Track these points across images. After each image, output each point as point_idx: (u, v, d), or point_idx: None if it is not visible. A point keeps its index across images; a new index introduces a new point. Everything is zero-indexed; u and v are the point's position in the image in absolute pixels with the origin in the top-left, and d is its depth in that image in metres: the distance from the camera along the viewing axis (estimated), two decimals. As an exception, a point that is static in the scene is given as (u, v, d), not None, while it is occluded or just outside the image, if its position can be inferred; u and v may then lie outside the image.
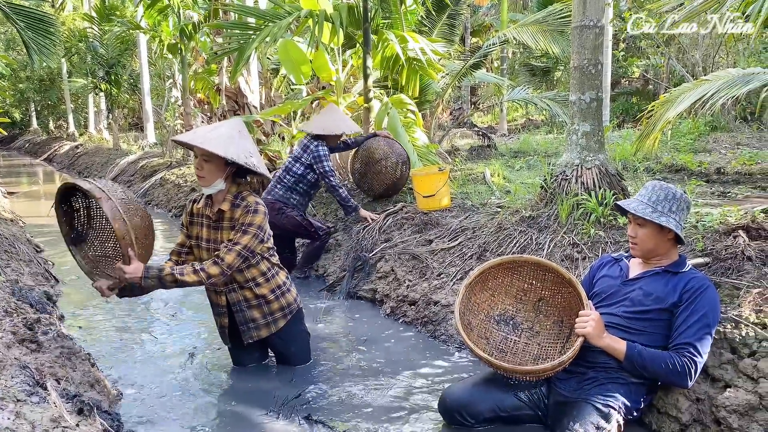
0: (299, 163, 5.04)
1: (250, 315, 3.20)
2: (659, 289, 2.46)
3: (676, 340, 2.37)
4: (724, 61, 12.84)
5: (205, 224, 3.10)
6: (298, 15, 5.91)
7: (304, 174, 5.03)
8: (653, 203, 2.47)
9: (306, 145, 5.06)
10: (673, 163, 7.08)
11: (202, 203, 3.10)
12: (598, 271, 2.77)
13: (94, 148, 17.28)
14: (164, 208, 9.46)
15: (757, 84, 5.32)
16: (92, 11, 16.48)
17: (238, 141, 2.90)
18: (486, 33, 19.43)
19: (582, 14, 3.85)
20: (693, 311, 2.36)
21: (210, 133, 2.89)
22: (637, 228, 2.51)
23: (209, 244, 3.10)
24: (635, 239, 2.53)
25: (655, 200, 2.48)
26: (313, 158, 4.98)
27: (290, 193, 5.03)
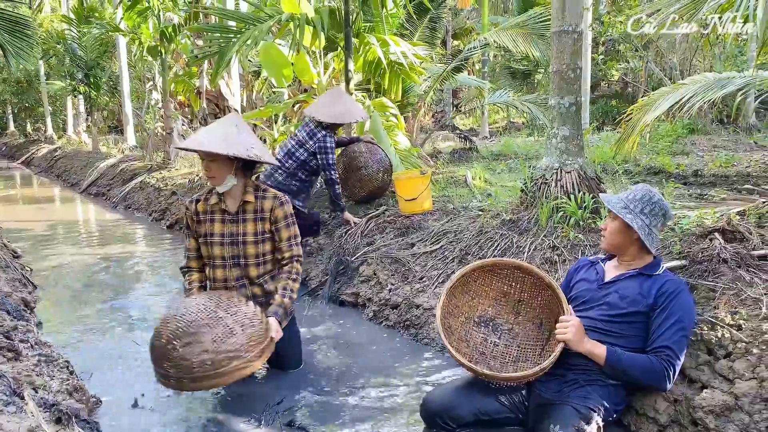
0: (303, 148, 4.89)
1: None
2: (634, 291, 2.49)
3: (654, 344, 2.40)
4: (701, 64, 13.05)
5: (218, 219, 3.12)
6: (279, 18, 5.90)
7: (307, 160, 4.89)
8: (628, 201, 2.54)
9: (313, 132, 4.91)
10: (652, 165, 7.18)
11: (213, 200, 3.12)
12: (575, 274, 2.81)
13: (72, 151, 17.05)
14: (144, 212, 9.37)
15: (733, 88, 5.42)
16: (70, 13, 16.25)
17: (237, 136, 2.96)
18: (467, 36, 19.52)
19: (561, 19, 3.89)
20: (669, 315, 2.40)
21: (209, 135, 2.95)
22: (610, 221, 2.61)
23: (224, 238, 3.12)
24: (605, 231, 2.63)
25: (631, 199, 2.55)
26: (318, 147, 4.85)
27: (291, 179, 4.90)
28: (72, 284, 5.44)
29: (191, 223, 3.17)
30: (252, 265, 3.16)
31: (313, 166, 4.94)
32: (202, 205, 3.14)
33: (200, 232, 3.15)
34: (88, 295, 5.07)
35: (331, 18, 6.42)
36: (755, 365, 2.40)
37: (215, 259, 3.15)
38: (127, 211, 9.96)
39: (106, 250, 6.94)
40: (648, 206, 2.52)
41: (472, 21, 19.27)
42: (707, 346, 2.57)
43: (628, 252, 2.59)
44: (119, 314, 4.55)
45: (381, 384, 3.24)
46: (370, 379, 3.31)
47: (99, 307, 4.75)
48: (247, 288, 3.19)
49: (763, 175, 6.08)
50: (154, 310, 4.65)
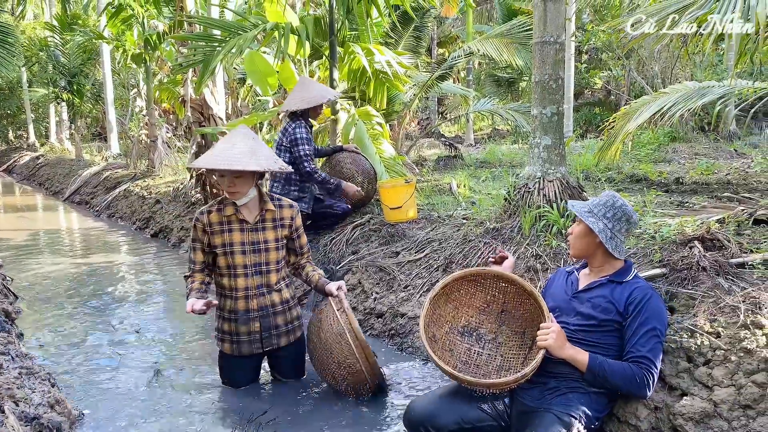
0: (281, 150, 4.81)
1: (275, 321, 3.24)
2: (605, 300, 2.51)
3: (630, 354, 2.42)
4: (682, 73, 13.23)
5: (236, 229, 3.13)
6: (264, 27, 5.91)
7: (292, 162, 4.78)
8: (592, 206, 2.58)
9: (285, 129, 4.82)
10: (635, 173, 7.26)
11: (229, 211, 3.11)
12: (551, 284, 2.84)
13: (55, 158, 16.90)
14: (128, 221, 9.30)
15: (713, 97, 5.51)
16: (53, 20, 16.16)
17: (260, 150, 3.03)
18: (452, 44, 19.63)
19: (543, 30, 3.94)
20: (641, 323, 2.42)
21: (231, 152, 2.98)
22: (575, 226, 2.64)
23: (245, 246, 3.14)
24: (570, 236, 2.65)
25: (596, 204, 2.58)
26: (289, 141, 4.73)
27: (288, 186, 4.84)
28: (54, 295, 5.39)
29: (202, 235, 3.12)
30: (273, 271, 3.22)
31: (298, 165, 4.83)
32: (216, 216, 3.11)
33: (215, 243, 3.11)
34: (71, 306, 5.02)
35: (316, 27, 6.44)
36: (733, 372, 2.44)
37: (236, 268, 3.14)
38: (110, 220, 9.89)
39: (89, 259, 6.88)
40: (611, 210, 2.55)
41: (457, 29, 19.39)
42: (687, 353, 2.60)
43: (596, 258, 2.60)
44: (102, 325, 4.52)
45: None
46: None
47: (81, 317, 4.71)
48: (266, 297, 3.20)
49: (743, 182, 6.18)
50: (138, 321, 4.62)
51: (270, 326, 3.22)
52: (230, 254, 3.11)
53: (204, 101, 7.42)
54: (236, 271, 3.13)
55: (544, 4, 3.92)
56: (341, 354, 3.00)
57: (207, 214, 3.12)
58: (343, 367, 3.02)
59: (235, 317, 3.17)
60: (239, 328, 3.18)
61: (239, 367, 3.29)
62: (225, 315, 3.19)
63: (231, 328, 3.19)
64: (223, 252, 3.11)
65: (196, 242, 3.15)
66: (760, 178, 6.32)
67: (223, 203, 3.14)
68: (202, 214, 3.13)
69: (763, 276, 2.86)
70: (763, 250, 3.13)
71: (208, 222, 3.10)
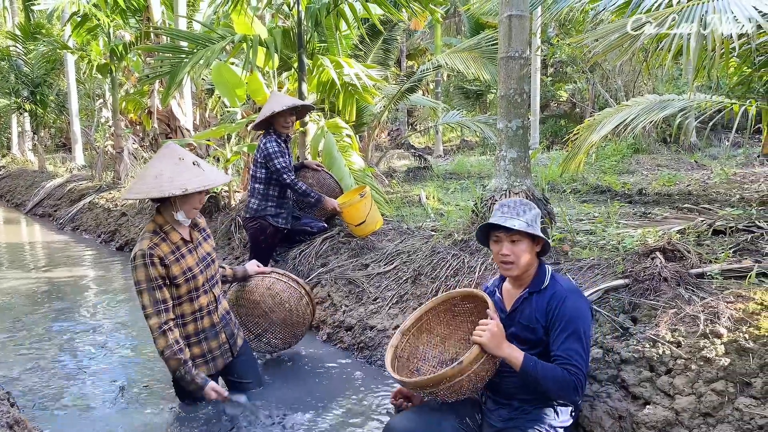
0: (259, 166, 4.78)
1: (232, 326, 3.28)
2: (531, 316, 2.45)
3: (556, 360, 2.33)
4: (644, 86, 13.56)
5: (186, 252, 3.00)
6: (232, 39, 5.89)
7: (269, 177, 4.75)
8: (521, 215, 2.44)
9: (258, 146, 4.80)
10: (599, 184, 7.41)
11: (176, 237, 2.97)
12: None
13: (17, 170, 16.49)
14: (93, 234, 9.12)
15: (673, 110, 5.67)
16: (16, 29, 15.85)
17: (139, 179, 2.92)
18: (421, 56, 19.82)
19: (507, 46, 4.01)
20: (562, 329, 2.35)
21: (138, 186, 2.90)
22: (512, 246, 2.43)
23: (199, 265, 3.05)
24: (510, 257, 2.44)
25: (519, 211, 2.45)
26: (263, 156, 4.69)
27: (265, 202, 4.79)
28: (15, 310, 5.25)
29: (162, 269, 2.89)
30: (218, 282, 3.23)
31: (279, 180, 4.78)
32: (164, 247, 2.92)
33: (175, 274, 2.93)
34: (32, 322, 4.90)
35: (285, 38, 6.44)
36: (694, 381, 2.50)
37: (198, 290, 3.03)
38: (74, 233, 9.68)
39: (53, 273, 6.73)
40: (527, 207, 2.47)
41: (426, 42, 19.59)
42: (649, 362, 2.66)
43: (532, 267, 2.51)
44: (65, 342, 4.42)
45: (337, 408, 3.23)
46: (326, 403, 3.30)
47: (44, 334, 4.60)
48: (221, 305, 3.19)
49: (703, 193, 6.35)
50: (102, 337, 4.53)
51: (232, 332, 3.25)
52: (192, 279, 2.99)
53: (171, 113, 7.37)
54: (198, 293, 3.04)
55: (510, 21, 3.99)
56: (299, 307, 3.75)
57: (155, 247, 2.89)
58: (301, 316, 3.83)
59: (205, 336, 3.11)
60: (210, 345, 3.13)
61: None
62: (192, 340, 3.06)
63: (203, 350, 3.11)
64: (185, 279, 2.97)
65: (156, 280, 2.87)
66: (719, 189, 6.50)
67: (162, 231, 2.95)
68: (152, 248, 2.88)
69: (722, 286, 2.94)
70: (721, 260, 3.22)
71: (162, 255, 2.90)
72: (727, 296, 2.82)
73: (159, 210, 2.99)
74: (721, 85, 10.06)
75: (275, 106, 4.73)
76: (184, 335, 3.03)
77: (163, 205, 2.97)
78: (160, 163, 2.89)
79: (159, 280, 2.88)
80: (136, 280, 2.87)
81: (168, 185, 2.80)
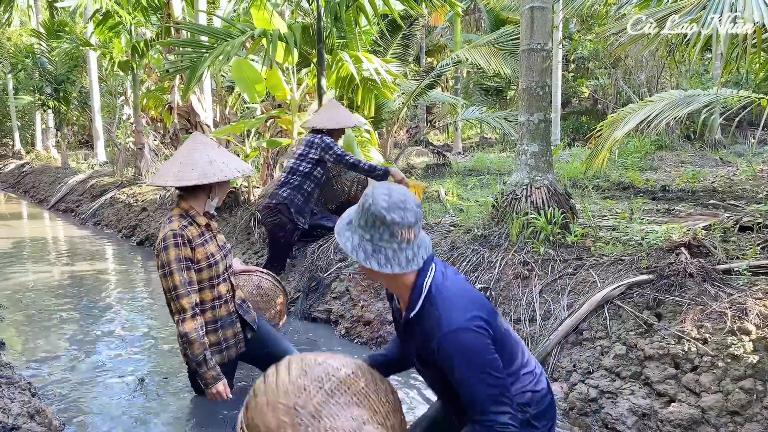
0: (305, 161, 4.93)
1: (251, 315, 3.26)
2: (420, 349, 1.92)
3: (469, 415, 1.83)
4: (668, 81, 13.36)
5: (209, 239, 3.04)
6: (252, 34, 5.89)
7: (311, 171, 4.92)
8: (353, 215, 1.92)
9: (311, 141, 4.96)
10: (621, 180, 7.30)
11: (201, 221, 3.01)
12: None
13: (41, 166, 16.72)
14: (114, 229, 9.21)
15: (698, 105, 5.55)
16: (40, 27, 16.05)
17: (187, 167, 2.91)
18: (441, 53, 19.71)
19: (530, 38, 3.95)
20: (454, 379, 1.82)
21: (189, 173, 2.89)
22: None
23: (220, 252, 3.07)
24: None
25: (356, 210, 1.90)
26: (322, 149, 4.87)
27: (296, 193, 4.91)
28: (37, 303, 5.31)
29: (189, 251, 2.91)
30: (233, 271, 3.26)
31: (317, 176, 4.95)
32: (192, 230, 2.95)
33: (198, 258, 2.96)
34: (54, 315, 4.95)
35: (304, 34, 6.43)
36: (721, 378, 2.44)
37: (219, 277, 3.06)
38: (96, 228, 9.78)
39: (74, 267, 6.80)
40: (363, 217, 1.84)
41: (445, 38, 19.49)
42: (674, 359, 2.60)
43: (397, 281, 1.92)
44: (86, 335, 4.45)
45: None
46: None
47: (65, 327, 4.64)
48: (236, 294, 3.19)
49: (728, 190, 6.22)
50: (122, 330, 4.56)
51: (245, 321, 3.23)
52: (214, 265, 3.01)
53: (191, 108, 7.39)
54: (218, 280, 3.06)
55: (532, 12, 3.93)
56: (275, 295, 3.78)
57: (185, 229, 2.92)
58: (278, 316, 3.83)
59: (221, 324, 3.10)
60: (226, 334, 3.12)
61: (227, 374, 3.21)
62: (209, 327, 3.05)
63: (218, 338, 3.09)
64: (208, 264, 2.99)
65: (185, 261, 2.88)
66: (745, 186, 6.37)
67: (189, 215, 2.98)
68: (183, 228, 2.90)
69: (749, 282, 2.87)
70: (748, 257, 3.15)
71: (190, 237, 2.92)
72: (755, 292, 2.75)
73: (183, 197, 3.00)
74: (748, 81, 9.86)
75: (346, 120, 5.07)
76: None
77: (192, 192, 2.98)
78: (207, 150, 2.95)
79: (188, 261, 2.90)
80: (165, 262, 2.86)
81: (227, 170, 2.91)
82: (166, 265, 2.85)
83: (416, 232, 1.85)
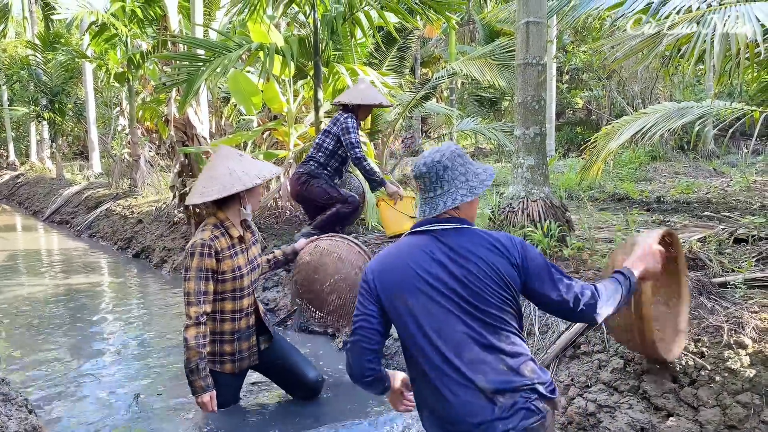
0: (329, 137, 4.99)
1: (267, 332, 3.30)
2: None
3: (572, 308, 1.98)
4: (662, 92, 13.46)
5: (240, 251, 3.08)
6: (249, 48, 5.92)
7: (335, 149, 4.98)
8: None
9: (336, 118, 5.00)
10: (616, 192, 7.33)
11: (234, 233, 3.04)
12: None
13: (36, 177, 16.68)
14: (109, 241, 9.18)
15: (691, 117, 5.59)
16: (35, 39, 16.07)
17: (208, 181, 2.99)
18: (436, 64, 19.81)
19: (525, 52, 3.99)
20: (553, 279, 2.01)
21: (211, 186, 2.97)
22: None
23: (248, 266, 3.11)
24: None
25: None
26: (341, 129, 4.90)
27: (321, 169, 4.99)
28: (33, 317, 5.29)
29: (214, 263, 2.96)
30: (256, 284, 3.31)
31: (341, 155, 5.01)
32: (224, 241, 3.00)
33: (224, 269, 2.99)
34: (50, 329, 4.93)
35: (301, 47, 6.47)
36: (718, 392, 2.45)
37: (243, 290, 3.09)
38: (91, 240, 9.76)
39: (70, 280, 6.77)
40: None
41: (440, 50, 19.58)
42: (672, 373, 2.61)
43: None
44: (81, 349, 4.43)
45: (358, 418, 3.20)
46: (349, 414, 3.25)
47: (61, 341, 4.62)
48: (253, 313, 3.19)
49: (722, 201, 6.26)
50: (118, 344, 4.54)
51: (260, 336, 3.25)
52: (239, 278, 3.05)
53: (187, 120, 7.38)
54: (242, 293, 3.09)
55: (527, 27, 3.97)
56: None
57: (215, 240, 2.97)
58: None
59: (239, 336, 3.12)
60: (242, 346, 3.14)
61: (235, 386, 3.26)
62: (226, 338, 3.08)
63: (233, 349, 3.12)
64: (233, 277, 3.02)
65: (206, 271, 2.93)
66: (738, 197, 6.41)
67: (223, 226, 3.03)
68: (213, 239, 2.96)
69: (745, 295, 2.88)
70: (744, 270, 3.17)
71: (219, 249, 2.97)
72: (751, 306, 2.77)
73: (219, 207, 3.05)
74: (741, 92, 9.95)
75: (372, 98, 5.05)
76: (219, 331, 3.06)
77: (225, 203, 3.03)
78: (226, 162, 3.01)
79: (208, 272, 2.95)
80: (188, 267, 2.94)
81: (247, 178, 2.95)
82: (188, 270, 2.94)
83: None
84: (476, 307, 1.86)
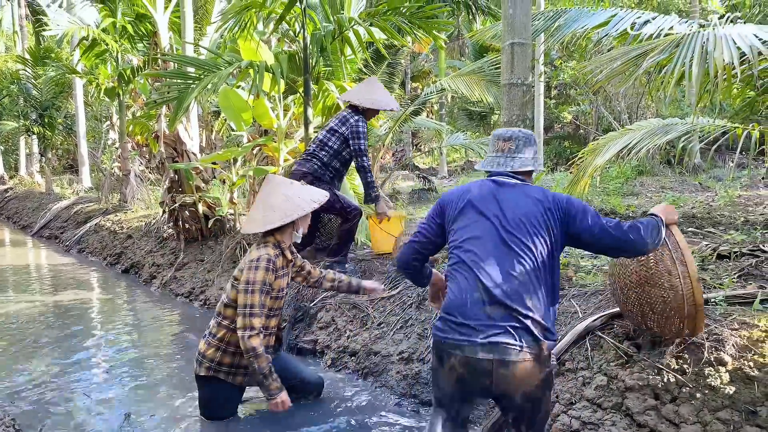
0: (335, 136, 4.82)
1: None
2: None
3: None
4: (648, 107, 13.62)
5: (284, 275, 3.30)
6: (239, 66, 5.97)
7: (340, 150, 4.82)
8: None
9: (345, 118, 4.84)
10: (603, 207, 7.41)
11: (287, 255, 3.28)
12: None
13: (25, 192, 16.61)
14: (99, 257, 9.16)
15: (676, 134, 5.69)
16: (26, 53, 16.07)
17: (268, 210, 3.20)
18: (426, 78, 19.96)
19: (510, 73, 4.05)
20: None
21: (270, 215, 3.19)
22: None
23: (287, 288, 3.35)
24: None
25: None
26: (351, 132, 4.76)
27: (324, 169, 4.83)
28: (20, 334, 5.27)
29: (273, 279, 3.18)
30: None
31: (345, 156, 4.86)
32: (280, 261, 3.25)
33: (275, 288, 3.21)
34: (38, 346, 4.91)
35: (291, 63, 6.52)
36: (699, 409, 2.50)
37: (277, 311, 3.31)
38: (80, 255, 9.73)
39: (58, 296, 6.75)
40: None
41: (430, 65, 19.75)
42: (654, 390, 2.65)
43: None
44: (70, 367, 4.42)
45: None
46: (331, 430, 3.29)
47: (49, 358, 4.61)
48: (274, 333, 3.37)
49: (707, 216, 6.35)
50: (108, 361, 4.53)
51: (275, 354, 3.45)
52: (279, 298, 3.28)
53: (177, 137, 7.42)
54: (275, 312, 3.28)
55: (512, 48, 4.04)
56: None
57: (277, 257, 3.20)
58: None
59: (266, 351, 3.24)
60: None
61: (237, 399, 3.41)
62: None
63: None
64: (276, 296, 3.24)
65: (269, 286, 3.15)
66: (723, 212, 6.50)
67: (280, 247, 3.24)
68: (276, 258, 3.19)
69: (726, 312, 2.94)
70: (725, 287, 3.22)
71: (277, 267, 3.20)
72: (731, 323, 2.81)
73: (272, 232, 3.23)
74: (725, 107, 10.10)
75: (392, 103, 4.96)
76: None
77: (279, 228, 3.21)
78: (280, 189, 3.25)
79: (269, 287, 3.15)
80: (252, 280, 3.08)
81: (304, 203, 3.20)
82: (252, 283, 3.08)
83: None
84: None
